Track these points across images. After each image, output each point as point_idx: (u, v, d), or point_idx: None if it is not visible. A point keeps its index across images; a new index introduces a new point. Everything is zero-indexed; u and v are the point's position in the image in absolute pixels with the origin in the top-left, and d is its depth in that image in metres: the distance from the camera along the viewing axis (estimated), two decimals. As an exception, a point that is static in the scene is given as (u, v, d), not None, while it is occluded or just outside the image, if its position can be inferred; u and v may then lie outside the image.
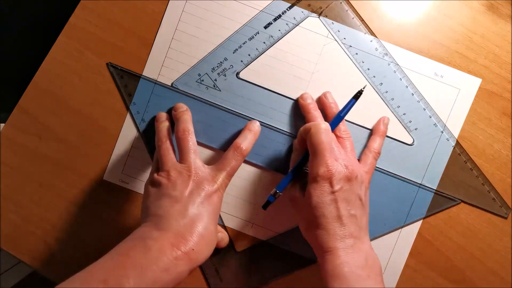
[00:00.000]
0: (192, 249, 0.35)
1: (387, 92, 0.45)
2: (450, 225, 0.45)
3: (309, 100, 0.44)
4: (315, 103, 0.44)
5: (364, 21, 0.45)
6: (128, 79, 0.46)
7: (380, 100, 0.45)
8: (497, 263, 0.45)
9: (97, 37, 0.46)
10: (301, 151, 0.42)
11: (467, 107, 0.45)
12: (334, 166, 0.37)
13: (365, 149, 0.43)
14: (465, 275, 0.45)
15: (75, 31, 0.46)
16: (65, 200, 0.46)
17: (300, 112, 0.45)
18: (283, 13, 0.45)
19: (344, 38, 0.45)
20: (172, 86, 0.45)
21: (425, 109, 0.45)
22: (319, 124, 0.38)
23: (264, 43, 0.45)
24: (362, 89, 0.42)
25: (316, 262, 0.45)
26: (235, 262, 0.45)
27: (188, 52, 0.45)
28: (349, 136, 0.42)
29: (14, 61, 0.53)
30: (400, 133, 0.45)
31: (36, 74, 0.46)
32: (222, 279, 0.45)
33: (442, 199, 0.45)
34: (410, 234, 0.45)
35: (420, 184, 0.45)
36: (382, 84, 0.45)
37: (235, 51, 0.45)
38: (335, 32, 0.45)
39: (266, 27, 0.45)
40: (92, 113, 0.46)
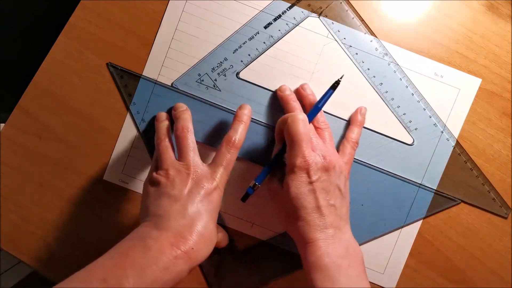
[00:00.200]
0: (192, 248, 0.35)
1: (387, 92, 0.45)
2: (450, 225, 0.45)
3: (288, 92, 0.44)
4: (294, 94, 0.44)
5: (364, 21, 0.45)
6: (128, 79, 0.46)
7: (380, 100, 0.45)
8: (497, 263, 0.45)
9: (97, 37, 0.46)
10: (280, 142, 0.41)
11: (467, 107, 0.45)
12: (311, 157, 0.37)
13: (343, 140, 0.43)
14: (465, 275, 0.45)
15: (75, 31, 0.46)
16: (65, 200, 0.46)
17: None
18: (283, 13, 0.45)
19: (344, 38, 0.45)
20: (172, 86, 0.45)
21: (425, 109, 0.45)
22: (297, 115, 0.38)
23: (264, 43, 0.45)
24: (340, 79, 0.41)
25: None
26: (235, 262, 0.45)
27: (188, 52, 0.45)
28: (328, 127, 0.42)
29: (14, 61, 0.53)
30: (400, 133, 0.45)
31: (36, 74, 0.46)
32: (222, 279, 0.45)
33: (442, 199, 0.45)
34: (410, 234, 0.45)
35: (420, 184, 0.45)
36: (382, 84, 0.45)
37: (235, 51, 0.45)
38: (335, 32, 0.45)
39: (266, 27, 0.45)
40: (92, 113, 0.46)
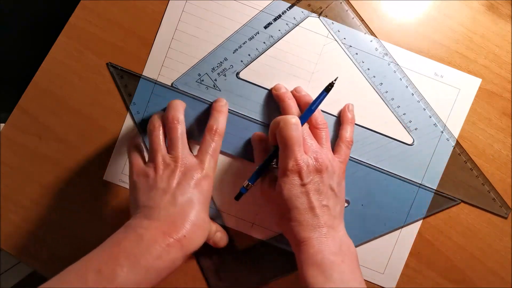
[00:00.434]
0: (184, 236, 0.35)
1: (387, 92, 0.45)
2: (450, 225, 0.45)
3: (283, 90, 0.44)
4: (289, 92, 0.44)
5: (364, 21, 0.45)
6: (128, 79, 0.46)
7: (380, 100, 0.45)
8: (497, 263, 0.45)
9: (97, 37, 0.46)
10: (273, 143, 0.41)
11: (467, 107, 0.45)
12: (303, 160, 0.38)
13: (338, 140, 0.43)
14: (465, 275, 0.45)
15: (75, 31, 0.46)
16: (65, 200, 0.46)
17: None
18: (283, 13, 0.45)
19: (344, 38, 0.45)
20: (172, 86, 0.45)
21: (425, 109, 0.45)
22: (289, 119, 0.38)
23: (264, 43, 0.45)
24: (334, 82, 0.42)
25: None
26: (235, 262, 0.45)
27: (188, 52, 0.45)
28: (325, 127, 0.42)
29: (14, 61, 0.53)
30: (400, 133, 0.45)
31: (36, 74, 0.46)
32: (222, 279, 0.45)
33: (442, 199, 0.45)
34: (410, 234, 0.45)
35: (420, 184, 0.45)
36: (382, 84, 0.45)
37: (235, 51, 0.45)
38: (335, 32, 0.45)
39: (266, 27, 0.45)
40: (92, 113, 0.46)
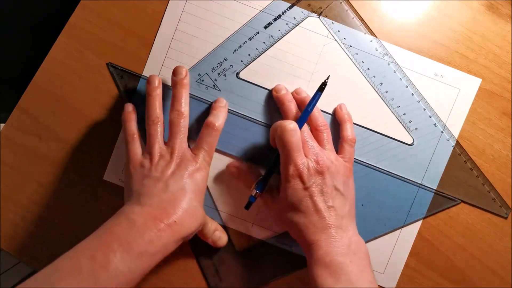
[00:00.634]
0: (175, 221, 0.36)
1: (387, 92, 0.45)
2: (450, 225, 0.45)
3: (283, 91, 0.44)
4: (290, 93, 0.44)
5: (364, 21, 0.45)
6: (128, 79, 0.46)
7: (380, 100, 0.45)
8: (497, 263, 0.45)
9: (97, 37, 0.46)
10: (275, 147, 0.41)
11: (467, 107, 0.45)
12: (303, 163, 0.38)
13: (340, 140, 0.43)
14: (465, 275, 0.45)
15: (75, 31, 0.46)
16: (65, 200, 0.46)
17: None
18: (283, 13, 0.45)
19: (344, 38, 0.45)
20: (172, 86, 0.45)
21: (425, 109, 0.45)
22: (286, 125, 0.39)
23: (264, 43, 0.45)
24: (326, 80, 0.42)
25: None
26: (235, 262, 0.45)
27: (188, 52, 0.45)
28: (327, 128, 0.42)
29: (14, 61, 0.53)
30: (400, 133, 0.45)
31: (36, 74, 0.46)
32: (222, 279, 0.45)
33: (442, 199, 0.45)
34: (410, 234, 0.45)
35: (420, 184, 0.45)
36: (382, 84, 0.45)
37: (235, 51, 0.45)
38: (335, 32, 0.45)
39: (266, 27, 0.45)
40: (92, 113, 0.46)
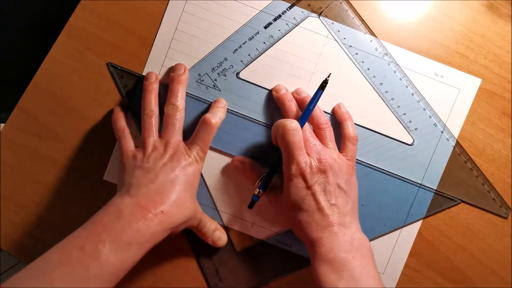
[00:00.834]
0: (162, 211, 0.37)
1: (387, 92, 0.45)
2: (450, 225, 0.45)
3: (283, 91, 0.44)
4: (290, 93, 0.44)
5: (364, 21, 0.45)
6: (128, 79, 0.46)
7: (380, 100, 0.45)
8: (497, 263, 0.45)
9: (97, 37, 0.46)
10: (276, 145, 0.41)
11: (467, 107, 0.45)
12: (306, 162, 0.38)
13: (342, 139, 0.43)
14: (465, 275, 0.45)
15: (75, 31, 0.46)
16: (65, 200, 0.46)
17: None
18: (283, 13, 0.45)
19: (344, 38, 0.45)
20: (172, 86, 0.45)
21: (425, 109, 0.45)
22: (287, 124, 0.39)
23: (264, 43, 0.45)
24: (328, 78, 0.42)
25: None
26: (235, 262, 0.45)
27: (188, 52, 0.45)
28: (329, 126, 0.42)
29: (14, 61, 0.53)
30: (400, 133, 0.45)
31: (36, 74, 0.46)
32: (222, 279, 0.45)
33: (442, 199, 0.45)
34: (410, 234, 0.45)
35: (420, 184, 0.45)
36: (382, 84, 0.45)
37: (235, 51, 0.45)
38: (335, 32, 0.45)
39: (266, 27, 0.45)
40: (92, 113, 0.46)
